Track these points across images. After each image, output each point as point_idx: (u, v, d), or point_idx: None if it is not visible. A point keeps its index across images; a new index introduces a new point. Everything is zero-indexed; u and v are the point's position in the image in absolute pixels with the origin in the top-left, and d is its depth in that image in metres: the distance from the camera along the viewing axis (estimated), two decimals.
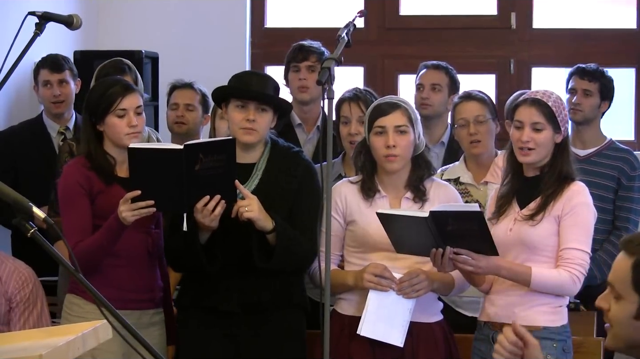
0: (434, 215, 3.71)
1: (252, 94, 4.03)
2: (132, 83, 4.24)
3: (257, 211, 3.93)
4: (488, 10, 6.71)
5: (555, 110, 3.92)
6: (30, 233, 2.61)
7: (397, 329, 3.93)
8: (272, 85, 4.11)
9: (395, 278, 3.94)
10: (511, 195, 4.00)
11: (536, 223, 3.89)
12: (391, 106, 4.03)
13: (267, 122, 4.07)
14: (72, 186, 4.05)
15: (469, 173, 4.80)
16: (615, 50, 6.49)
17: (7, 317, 4.17)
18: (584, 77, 5.27)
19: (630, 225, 5.10)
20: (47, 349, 2.47)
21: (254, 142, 4.07)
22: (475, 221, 3.73)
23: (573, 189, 3.93)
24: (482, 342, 4.01)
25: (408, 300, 3.94)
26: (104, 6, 6.83)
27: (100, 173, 4.07)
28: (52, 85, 5.57)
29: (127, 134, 4.06)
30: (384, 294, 3.93)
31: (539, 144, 3.92)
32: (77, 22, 4.19)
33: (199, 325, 4.14)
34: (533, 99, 3.95)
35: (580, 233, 3.89)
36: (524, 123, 3.93)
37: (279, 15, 6.96)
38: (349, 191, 4.09)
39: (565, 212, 3.89)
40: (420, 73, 5.45)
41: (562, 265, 3.86)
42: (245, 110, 4.04)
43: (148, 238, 4.12)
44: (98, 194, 4.05)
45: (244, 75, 4.17)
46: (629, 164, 5.14)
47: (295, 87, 5.18)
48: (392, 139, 3.97)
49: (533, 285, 3.85)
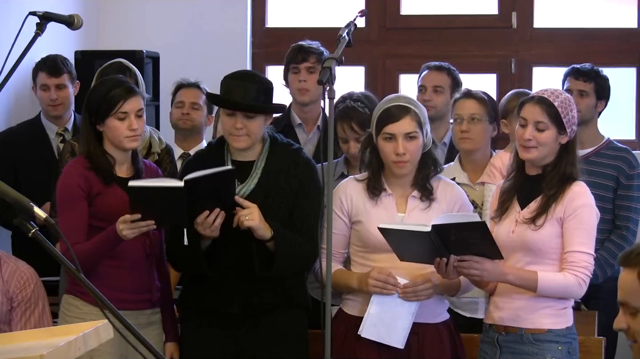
0: (437, 228, 3.70)
1: (233, 106, 4.04)
2: (135, 85, 4.23)
3: (258, 219, 3.93)
4: (489, 10, 6.71)
5: (562, 111, 3.89)
6: (32, 233, 2.61)
7: (399, 331, 3.92)
8: (260, 89, 4.07)
9: (399, 283, 3.93)
10: (513, 192, 3.99)
11: (539, 228, 3.87)
12: (400, 111, 3.96)
13: (258, 125, 4.07)
14: (71, 187, 4.05)
15: (465, 174, 4.81)
16: (616, 49, 6.49)
17: (8, 317, 4.17)
18: (579, 77, 5.26)
19: (630, 223, 5.09)
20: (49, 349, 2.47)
21: (245, 147, 4.07)
22: (477, 231, 3.73)
23: (575, 190, 3.91)
24: (488, 344, 4.00)
25: (411, 303, 3.93)
26: (104, 6, 6.82)
27: (99, 173, 4.07)
28: (50, 88, 5.57)
29: (127, 137, 4.06)
30: (387, 297, 3.92)
31: (541, 143, 3.90)
32: (78, 22, 4.18)
33: (200, 326, 4.14)
34: (539, 98, 3.93)
35: (584, 236, 3.87)
36: (528, 121, 3.92)
37: (280, 15, 6.96)
38: (354, 190, 4.07)
39: (567, 214, 3.87)
40: (422, 74, 5.45)
41: (568, 268, 3.85)
42: (234, 117, 4.04)
43: (146, 240, 4.11)
44: (97, 195, 4.05)
45: (229, 82, 4.11)
46: (627, 163, 5.14)
47: (295, 88, 5.17)
48: (402, 146, 3.94)
49: (540, 290, 3.84)
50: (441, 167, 4.13)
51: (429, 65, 5.46)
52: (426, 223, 3.75)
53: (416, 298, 3.92)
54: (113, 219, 3.99)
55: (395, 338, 3.92)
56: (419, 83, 5.43)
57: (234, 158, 4.13)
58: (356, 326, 3.98)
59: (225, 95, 4.08)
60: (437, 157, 4.12)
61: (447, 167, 4.78)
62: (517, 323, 3.92)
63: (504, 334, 3.94)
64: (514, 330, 3.92)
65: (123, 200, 4.02)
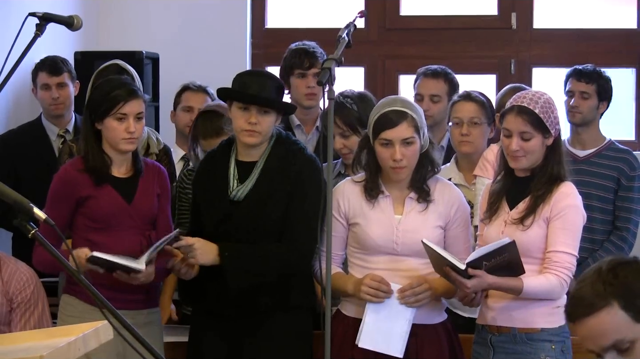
0: (471, 264, 3.76)
1: (252, 99, 4.03)
2: (138, 88, 4.23)
3: (199, 256, 3.98)
4: (488, 11, 6.71)
5: (543, 116, 3.87)
6: (32, 233, 2.61)
7: (396, 339, 3.90)
8: (274, 86, 4.09)
9: (392, 290, 3.92)
10: (502, 194, 4.00)
11: (527, 228, 3.88)
12: (398, 116, 3.94)
13: (270, 123, 4.07)
14: (61, 187, 4.10)
15: (460, 174, 4.81)
16: (616, 50, 6.49)
17: (8, 318, 4.17)
18: (581, 79, 5.25)
19: (630, 225, 5.10)
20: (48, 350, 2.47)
21: (256, 143, 4.07)
22: (507, 251, 3.76)
23: (562, 191, 3.90)
24: (481, 345, 4.01)
25: (407, 310, 3.92)
26: (104, 7, 6.83)
27: (92, 174, 4.08)
28: (51, 88, 5.57)
29: (124, 139, 4.07)
30: (382, 305, 3.91)
31: (529, 151, 3.90)
32: (78, 23, 4.18)
33: (196, 327, 4.15)
34: (519, 108, 3.89)
35: (568, 236, 3.87)
36: (512, 132, 3.91)
37: (279, 16, 6.96)
38: (352, 192, 4.07)
39: (554, 214, 3.87)
40: (418, 81, 5.39)
41: (550, 268, 3.85)
42: (248, 112, 4.03)
43: (143, 240, 4.12)
44: (87, 198, 4.08)
45: (245, 76, 4.14)
46: (628, 164, 5.14)
47: (302, 93, 5.17)
48: (399, 152, 3.93)
49: (524, 294, 3.84)
50: (439, 167, 4.12)
51: (425, 72, 5.38)
52: (462, 260, 3.80)
53: (417, 302, 3.91)
54: (105, 220, 4.01)
55: (394, 346, 3.90)
56: (415, 91, 5.38)
57: (239, 159, 4.13)
58: (354, 328, 3.97)
59: (241, 89, 4.07)
60: (435, 157, 4.10)
61: (444, 167, 4.78)
62: (510, 322, 3.92)
63: (497, 334, 3.94)
64: (507, 330, 3.92)
65: (115, 201, 4.04)
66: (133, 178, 4.17)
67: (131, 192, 4.14)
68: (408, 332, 3.91)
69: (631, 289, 2.44)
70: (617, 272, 2.46)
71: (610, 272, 2.46)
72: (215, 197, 4.10)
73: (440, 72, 5.36)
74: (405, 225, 3.98)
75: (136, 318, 4.03)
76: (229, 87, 4.13)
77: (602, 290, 2.44)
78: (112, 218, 4.08)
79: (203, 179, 4.18)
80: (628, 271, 2.46)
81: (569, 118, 5.24)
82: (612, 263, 2.49)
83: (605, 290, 2.44)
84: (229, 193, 4.07)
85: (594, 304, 2.44)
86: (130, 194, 4.13)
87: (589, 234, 4.66)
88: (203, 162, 4.25)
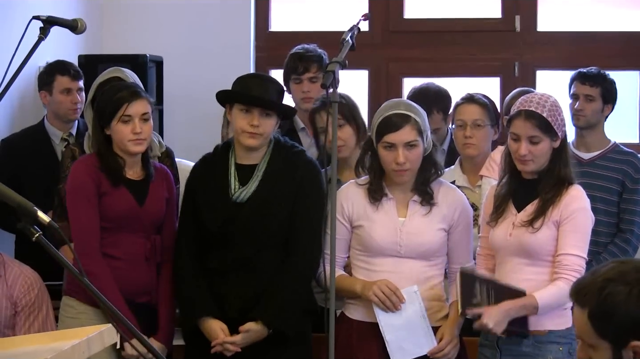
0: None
1: (255, 100, 4.03)
2: (142, 89, 4.23)
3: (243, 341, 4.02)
4: (492, 13, 6.71)
5: (551, 119, 3.87)
6: (35, 237, 2.61)
7: (423, 338, 3.95)
8: (275, 89, 4.10)
9: (404, 298, 3.93)
10: (508, 196, 3.99)
11: (536, 231, 3.88)
12: (401, 119, 3.94)
13: (272, 126, 4.08)
14: (83, 184, 4.06)
15: (464, 176, 4.81)
16: (620, 52, 6.48)
17: (12, 321, 4.17)
18: (586, 82, 5.24)
19: (635, 227, 5.09)
20: (52, 353, 2.47)
21: (257, 145, 4.08)
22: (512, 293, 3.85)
23: (571, 194, 3.91)
24: (487, 348, 4.00)
25: (415, 307, 3.94)
26: (108, 10, 6.83)
27: (108, 174, 4.08)
28: (73, 92, 5.56)
29: (131, 141, 4.07)
30: (392, 315, 3.93)
31: (537, 155, 3.90)
32: (82, 26, 4.18)
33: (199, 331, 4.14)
34: (527, 112, 3.88)
35: (578, 239, 3.87)
36: (520, 137, 3.90)
37: (283, 19, 6.96)
38: (355, 195, 4.07)
39: (564, 217, 3.87)
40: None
41: (560, 271, 3.85)
42: (250, 114, 4.04)
43: (147, 243, 4.12)
44: (104, 195, 4.06)
45: (247, 79, 4.15)
46: (633, 167, 5.13)
47: (299, 98, 5.21)
48: (402, 156, 3.93)
49: (542, 309, 3.84)
50: (442, 169, 4.12)
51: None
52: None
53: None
54: (116, 220, 4.00)
55: (425, 346, 3.95)
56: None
57: (238, 162, 4.13)
58: (358, 330, 3.99)
59: (244, 91, 4.07)
60: (438, 160, 4.10)
61: (448, 170, 4.77)
62: None
63: (503, 336, 3.94)
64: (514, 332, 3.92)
65: (129, 203, 4.04)
66: (144, 181, 4.17)
67: (143, 195, 4.14)
68: (430, 325, 3.96)
69: (607, 311, 2.47)
70: (607, 286, 2.47)
71: (605, 282, 2.49)
72: (217, 199, 4.10)
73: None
74: (409, 227, 3.98)
75: None
76: (229, 89, 4.14)
77: (587, 291, 2.50)
78: (123, 220, 4.08)
79: (202, 181, 4.18)
80: (619, 290, 2.47)
81: (573, 122, 5.22)
82: (615, 271, 2.50)
83: (585, 295, 2.50)
84: (230, 195, 4.07)
85: (579, 296, 2.53)
86: (142, 197, 4.13)
87: (593, 236, 4.62)
88: (200, 164, 4.24)
